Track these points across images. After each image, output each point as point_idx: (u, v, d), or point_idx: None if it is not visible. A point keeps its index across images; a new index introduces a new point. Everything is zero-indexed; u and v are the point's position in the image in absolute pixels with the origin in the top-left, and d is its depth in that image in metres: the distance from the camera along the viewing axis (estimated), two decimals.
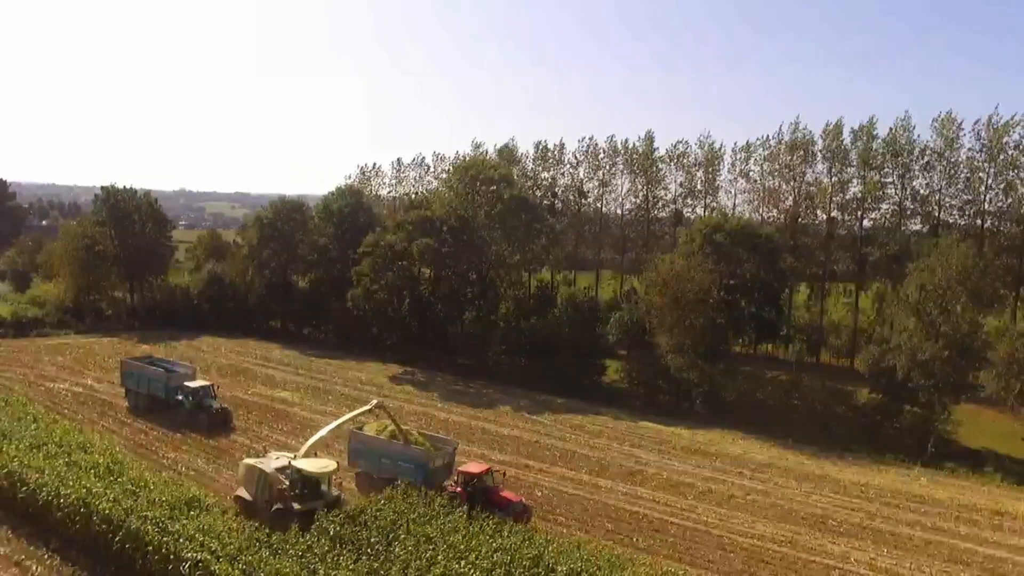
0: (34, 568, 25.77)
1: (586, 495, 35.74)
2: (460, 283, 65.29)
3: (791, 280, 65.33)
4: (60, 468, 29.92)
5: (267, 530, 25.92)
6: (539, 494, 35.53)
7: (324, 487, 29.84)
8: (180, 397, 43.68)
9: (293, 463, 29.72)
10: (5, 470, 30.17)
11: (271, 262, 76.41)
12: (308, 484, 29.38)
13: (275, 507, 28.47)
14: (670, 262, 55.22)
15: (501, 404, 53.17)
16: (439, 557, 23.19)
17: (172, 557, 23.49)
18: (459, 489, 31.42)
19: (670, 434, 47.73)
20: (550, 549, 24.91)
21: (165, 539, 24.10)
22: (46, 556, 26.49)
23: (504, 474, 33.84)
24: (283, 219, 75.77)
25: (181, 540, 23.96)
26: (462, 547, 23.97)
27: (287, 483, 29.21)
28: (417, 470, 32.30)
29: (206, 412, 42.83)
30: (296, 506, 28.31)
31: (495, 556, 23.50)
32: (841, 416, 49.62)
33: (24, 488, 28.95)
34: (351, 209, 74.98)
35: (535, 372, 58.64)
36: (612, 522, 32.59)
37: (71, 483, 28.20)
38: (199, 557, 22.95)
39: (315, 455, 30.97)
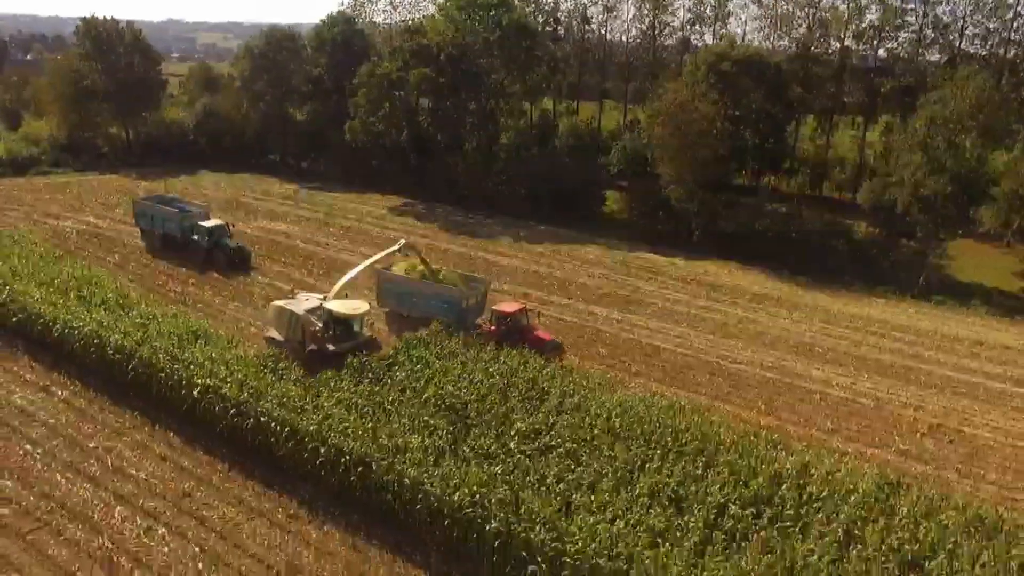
0: (59, 392, 27.23)
1: (582, 323, 36.79)
2: (459, 114, 63.59)
3: (798, 112, 63.45)
4: (71, 303, 30.78)
5: (272, 356, 27.05)
6: (536, 322, 36.60)
7: (357, 328, 29.79)
8: (196, 237, 43.07)
9: (325, 305, 29.43)
10: (19, 304, 31.08)
11: (265, 94, 73.94)
12: (341, 325, 29.30)
13: (309, 348, 28.54)
14: (674, 92, 53.43)
15: (501, 235, 53.60)
16: (434, 379, 24.26)
17: (183, 383, 24.72)
18: (492, 328, 31.35)
19: (667, 264, 48.43)
20: (544, 372, 26.01)
21: (176, 367, 25.25)
22: (68, 382, 27.87)
23: (539, 314, 33.52)
24: (275, 49, 72.63)
25: (191, 367, 25.10)
26: (458, 371, 25.01)
27: (320, 324, 28.98)
28: (449, 309, 32.01)
29: (223, 251, 42.34)
30: (331, 347, 28.38)
31: (490, 381, 24.57)
32: (838, 249, 50.02)
33: (39, 321, 29.97)
34: (344, 38, 71.66)
35: (535, 203, 58.53)
36: (607, 348, 33.77)
37: (82, 317, 29.14)
38: (209, 383, 24.13)
39: (345, 296, 30.72)
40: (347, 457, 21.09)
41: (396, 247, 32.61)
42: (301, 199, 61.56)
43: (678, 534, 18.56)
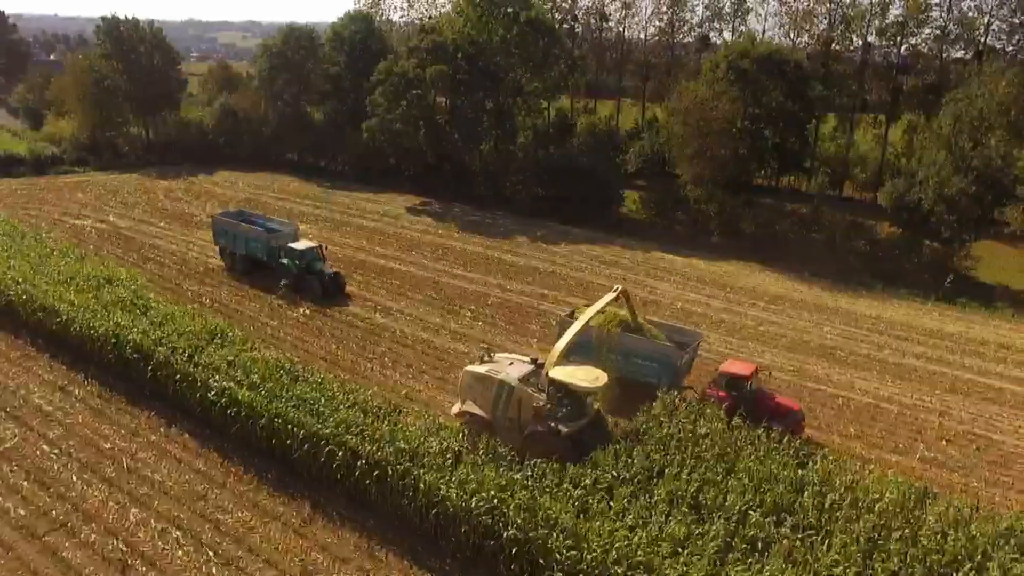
0: (76, 392, 27.23)
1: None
2: (476, 112, 63.37)
3: (819, 110, 62.56)
4: (89, 301, 30.82)
5: (291, 358, 26.87)
6: (553, 323, 36.27)
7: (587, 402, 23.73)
8: (285, 260, 38.65)
9: (551, 374, 22.88)
10: (39, 303, 31.17)
11: (283, 93, 74.42)
12: (573, 400, 23.15)
13: (531, 430, 22.82)
14: (694, 90, 52.91)
15: (518, 234, 53.30)
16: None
17: (200, 385, 24.63)
18: (721, 393, 25.69)
19: (685, 265, 47.90)
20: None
21: (193, 369, 25.16)
22: (86, 382, 27.88)
23: (770, 373, 29.04)
24: (293, 48, 72.94)
25: (207, 369, 25.00)
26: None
27: (543, 399, 22.96)
28: (663, 369, 26.39)
29: (318, 277, 37.94)
30: (563, 429, 22.53)
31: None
32: (860, 250, 49.26)
33: (57, 320, 30.03)
34: (362, 36, 71.75)
35: (553, 202, 58.21)
36: None
37: (101, 316, 29.15)
38: (225, 385, 24.01)
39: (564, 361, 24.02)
40: (363, 461, 20.87)
41: (612, 295, 26.43)
42: (326, 199, 61.19)
43: (699, 542, 18.15)
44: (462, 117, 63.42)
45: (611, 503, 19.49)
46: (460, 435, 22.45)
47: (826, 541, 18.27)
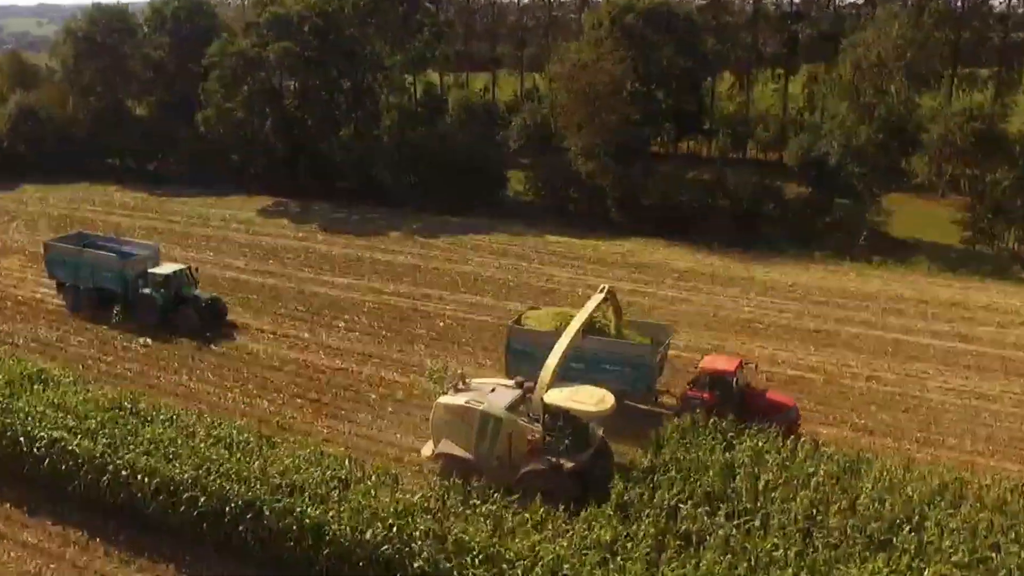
0: None
1: (495, 320, 36.43)
2: (331, 93, 62.53)
3: (714, 67, 65.36)
4: None
5: (131, 395, 25.63)
6: (441, 325, 36.36)
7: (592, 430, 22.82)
8: (148, 290, 35.72)
9: (547, 400, 21.76)
10: None
11: (96, 86, 70.79)
12: (574, 428, 22.03)
13: (528, 468, 21.56)
14: (576, 51, 54.14)
15: (391, 229, 53.09)
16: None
17: (21, 438, 23.05)
18: (706, 395, 25.12)
19: (584, 247, 48.99)
20: None
21: (8, 420, 23.53)
22: None
23: (756, 366, 28.41)
24: (103, 31, 69.52)
25: (29, 419, 23.42)
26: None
27: (539, 430, 22.03)
28: (636, 374, 25.91)
29: (192, 306, 35.59)
30: (567, 464, 21.45)
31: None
32: (768, 214, 51.73)
33: None
34: (188, 13, 69.38)
35: (427, 191, 58.10)
36: None
37: None
38: (55, 435, 22.60)
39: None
40: (233, 504, 20.16)
41: (599, 296, 25.47)
42: (151, 208, 58.73)
43: (628, 544, 18.62)
44: (315, 100, 62.40)
45: (527, 515, 19.70)
46: (346, 460, 22.05)
47: (764, 525, 19.17)
